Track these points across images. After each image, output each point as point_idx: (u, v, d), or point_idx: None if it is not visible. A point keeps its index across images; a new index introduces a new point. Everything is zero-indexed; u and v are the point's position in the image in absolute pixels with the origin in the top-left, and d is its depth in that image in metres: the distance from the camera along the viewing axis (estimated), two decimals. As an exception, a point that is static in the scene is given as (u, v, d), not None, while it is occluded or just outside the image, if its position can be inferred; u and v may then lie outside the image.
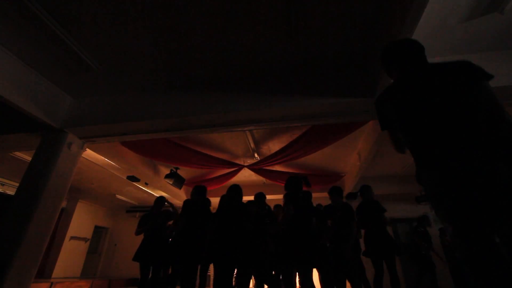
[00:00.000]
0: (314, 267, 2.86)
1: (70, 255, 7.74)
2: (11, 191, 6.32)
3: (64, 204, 8.02)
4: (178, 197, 7.27)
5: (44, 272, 7.17)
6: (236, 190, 3.27)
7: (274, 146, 5.04)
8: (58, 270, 7.30)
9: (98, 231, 9.23)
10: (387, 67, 1.43)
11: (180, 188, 6.19)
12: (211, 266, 6.02)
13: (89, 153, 4.57)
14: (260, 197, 3.72)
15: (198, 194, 3.59)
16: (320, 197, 6.76)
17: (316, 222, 2.97)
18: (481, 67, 1.18)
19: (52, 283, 5.28)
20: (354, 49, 2.74)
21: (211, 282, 6.77)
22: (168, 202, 4.20)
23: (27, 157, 4.73)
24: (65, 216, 7.98)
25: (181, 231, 3.29)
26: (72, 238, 7.88)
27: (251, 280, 3.67)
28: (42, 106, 3.01)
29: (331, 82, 2.98)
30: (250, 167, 5.56)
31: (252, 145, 4.88)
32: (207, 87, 3.26)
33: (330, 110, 3.02)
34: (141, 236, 3.94)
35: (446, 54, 2.79)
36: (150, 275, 3.61)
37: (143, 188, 6.56)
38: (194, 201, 3.52)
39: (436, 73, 1.23)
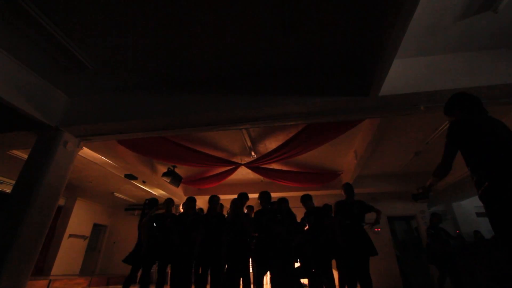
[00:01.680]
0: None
1: (69, 253, 7.77)
2: (9, 190, 6.34)
3: (62, 202, 8.04)
4: (176, 195, 7.30)
5: (43, 270, 7.20)
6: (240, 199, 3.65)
7: (270, 144, 5.05)
8: (57, 267, 7.34)
9: (97, 228, 9.26)
10: (459, 108, 1.85)
11: (177, 186, 6.21)
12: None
13: (86, 152, 4.57)
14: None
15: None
16: (317, 194, 6.80)
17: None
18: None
19: (50, 281, 5.31)
20: (349, 48, 2.74)
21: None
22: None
23: (24, 155, 4.74)
24: (64, 214, 8.00)
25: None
26: (71, 235, 7.91)
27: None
28: (36, 105, 3.01)
29: (327, 81, 2.98)
30: (247, 165, 5.58)
31: (249, 143, 4.89)
32: (203, 85, 3.27)
33: (326, 109, 3.03)
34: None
35: (441, 52, 2.80)
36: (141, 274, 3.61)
37: (141, 186, 6.58)
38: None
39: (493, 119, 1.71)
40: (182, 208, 3.86)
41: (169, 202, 4.04)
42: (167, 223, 3.65)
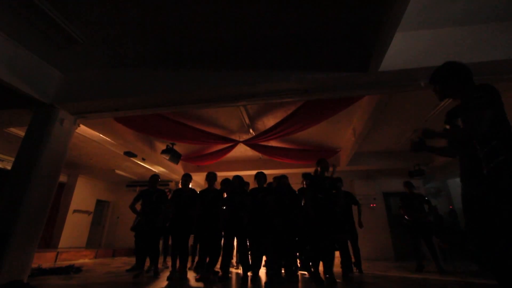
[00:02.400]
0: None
1: (75, 227, 8.07)
2: (9, 167, 6.41)
3: (64, 179, 8.19)
4: (175, 172, 7.40)
5: (50, 243, 7.52)
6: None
7: (268, 121, 5.03)
8: (64, 241, 7.66)
9: (100, 204, 9.53)
10: (465, 78, 1.59)
11: (177, 164, 6.28)
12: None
13: (84, 129, 4.56)
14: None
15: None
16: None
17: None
18: None
19: (58, 252, 5.56)
20: (349, 21, 2.62)
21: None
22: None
23: (22, 133, 4.73)
24: (67, 190, 8.19)
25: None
26: (75, 211, 8.16)
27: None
28: (29, 82, 2.95)
29: (325, 56, 2.89)
30: (246, 142, 5.59)
31: (247, 120, 4.86)
32: (200, 61, 3.18)
33: (325, 85, 2.97)
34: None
35: (446, 25, 2.69)
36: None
37: (141, 164, 6.65)
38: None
39: None
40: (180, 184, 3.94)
41: (156, 178, 4.08)
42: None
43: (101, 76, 3.36)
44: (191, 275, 3.56)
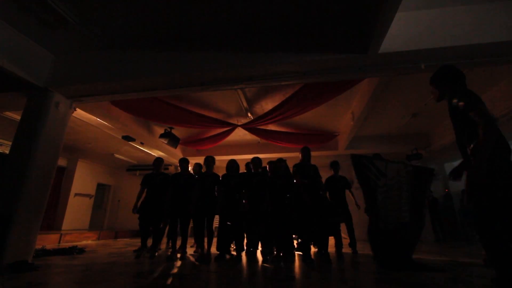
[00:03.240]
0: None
1: (77, 210, 8.23)
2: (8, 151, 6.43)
3: (64, 163, 8.24)
4: (174, 156, 7.44)
5: (54, 226, 7.70)
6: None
7: (267, 105, 4.98)
8: (67, 223, 7.84)
9: (101, 188, 9.66)
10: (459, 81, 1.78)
11: (175, 148, 6.29)
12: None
13: (81, 113, 4.53)
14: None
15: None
16: (315, 155, 6.92)
17: None
18: None
19: (62, 234, 5.70)
20: (347, 2, 2.53)
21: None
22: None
23: (18, 117, 4.70)
24: (67, 174, 8.27)
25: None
26: (76, 194, 8.28)
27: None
28: (21, 64, 2.89)
29: (324, 38, 2.82)
30: (244, 126, 5.57)
31: (245, 104, 4.82)
32: (196, 43, 3.10)
33: (323, 67, 2.92)
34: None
35: (447, 4, 2.60)
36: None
37: (140, 148, 6.67)
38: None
39: None
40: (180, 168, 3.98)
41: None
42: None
43: (95, 58, 3.29)
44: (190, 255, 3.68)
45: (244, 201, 3.49)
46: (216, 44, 3.06)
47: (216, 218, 3.81)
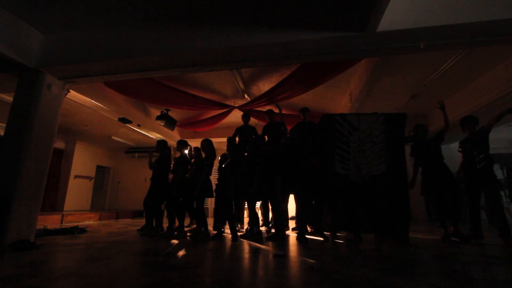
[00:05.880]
0: None
1: (78, 192, 8.37)
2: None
3: (62, 145, 8.25)
4: (172, 138, 7.44)
5: (56, 207, 7.86)
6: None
7: (264, 86, 4.91)
8: (68, 204, 7.99)
9: (101, 170, 9.75)
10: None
11: (172, 130, 6.28)
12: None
13: (74, 95, 4.47)
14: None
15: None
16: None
17: None
18: None
19: (63, 215, 5.82)
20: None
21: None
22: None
23: (11, 98, 4.64)
24: (66, 156, 8.31)
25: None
26: (76, 176, 8.38)
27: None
28: (8, 43, 2.80)
29: (320, 15, 2.72)
30: (241, 108, 5.53)
31: (241, 85, 4.75)
32: (188, 20, 2.99)
33: (320, 47, 2.84)
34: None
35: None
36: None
37: (137, 130, 6.65)
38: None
39: None
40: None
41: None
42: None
43: (86, 37, 3.18)
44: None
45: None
46: (211, 23, 2.95)
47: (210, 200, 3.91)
